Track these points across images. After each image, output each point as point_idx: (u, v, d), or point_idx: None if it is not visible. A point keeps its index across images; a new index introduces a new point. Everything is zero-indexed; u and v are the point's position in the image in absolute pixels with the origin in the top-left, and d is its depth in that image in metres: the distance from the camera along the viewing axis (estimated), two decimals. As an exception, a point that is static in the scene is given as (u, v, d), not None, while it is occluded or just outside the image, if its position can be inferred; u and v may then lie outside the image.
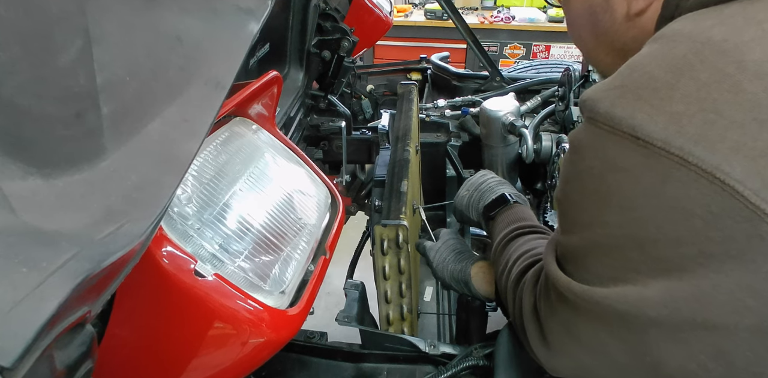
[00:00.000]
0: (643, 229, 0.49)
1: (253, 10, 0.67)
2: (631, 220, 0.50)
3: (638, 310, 0.51)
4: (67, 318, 0.32)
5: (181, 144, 0.51)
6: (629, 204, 0.49)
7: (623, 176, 0.49)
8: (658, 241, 0.48)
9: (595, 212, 0.53)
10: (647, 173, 0.47)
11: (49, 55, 0.39)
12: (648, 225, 0.48)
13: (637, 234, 0.49)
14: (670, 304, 0.49)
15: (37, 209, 0.35)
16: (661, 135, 0.46)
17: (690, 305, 0.48)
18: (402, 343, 1.00)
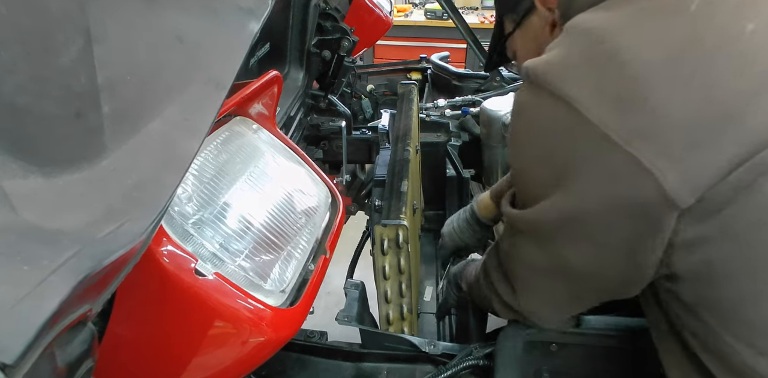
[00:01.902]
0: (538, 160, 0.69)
1: (254, 10, 0.67)
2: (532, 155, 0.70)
3: (544, 218, 0.70)
4: (68, 316, 0.32)
5: (182, 143, 0.51)
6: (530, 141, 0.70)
7: (535, 123, 0.68)
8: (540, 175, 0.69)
9: (518, 150, 0.74)
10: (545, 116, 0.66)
11: (49, 55, 0.39)
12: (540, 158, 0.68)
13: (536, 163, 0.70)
14: (557, 209, 0.68)
15: (38, 208, 0.35)
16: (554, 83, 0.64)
17: (568, 207, 0.67)
18: (402, 342, 1.00)
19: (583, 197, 0.65)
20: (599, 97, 0.61)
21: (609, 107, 0.60)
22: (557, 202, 0.68)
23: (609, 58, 0.61)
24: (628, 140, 0.59)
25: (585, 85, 0.62)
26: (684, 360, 0.71)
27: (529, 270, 0.81)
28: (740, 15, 0.59)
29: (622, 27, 0.63)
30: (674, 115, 0.58)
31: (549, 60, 0.67)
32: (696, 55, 0.58)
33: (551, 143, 0.66)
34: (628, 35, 0.62)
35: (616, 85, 0.60)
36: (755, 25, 0.58)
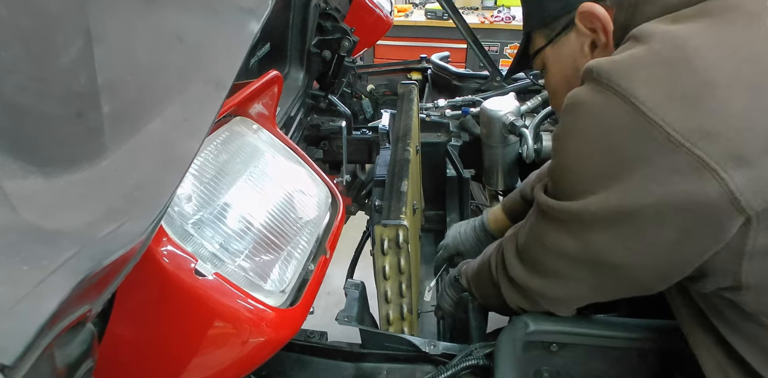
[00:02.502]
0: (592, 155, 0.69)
1: (254, 10, 0.67)
2: (587, 149, 0.70)
3: (591, 211, 0.70)
4: (68, 316, 0.32)
5: (182, 143, 0.51)
6: (586, 136, 0.70)
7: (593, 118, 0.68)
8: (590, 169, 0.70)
9: (569, 144, 0.73)
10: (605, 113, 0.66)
11: (50, 55, 0.39)
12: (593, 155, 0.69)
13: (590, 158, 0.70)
14: (608, 205, 0.68)
15: (38, 208, 0.35)
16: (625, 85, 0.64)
17: (618, 201, 0.67)
18: (402, 342, 1.00)
19: (639, 195, 0.65)
20: (667, 98, 0.62)
21: (677, 109, 0.61)
22: (610, 198, 0.68)
23: (682, 62, 0.62)
24: (695, 141, 0.60)
25: (652, 86, 0.63)
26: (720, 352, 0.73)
27: (555, 257, 0.81)
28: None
29: (695, 35, 0.64)
30: (752, 121, 0.59)
31: (616, 60, 0.67)
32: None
33: (609, 140, 0.66)
34: (703, 43, 0.63)
35: (688, 88, 0.61)
36: None
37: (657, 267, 0.72)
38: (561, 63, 0.94)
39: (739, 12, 0.64)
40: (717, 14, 0.65)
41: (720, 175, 0.59)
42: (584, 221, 0.73)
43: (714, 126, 0.59)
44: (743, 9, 0.64)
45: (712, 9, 0.66)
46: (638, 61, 0.65)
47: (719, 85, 0.60)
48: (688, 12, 0.68)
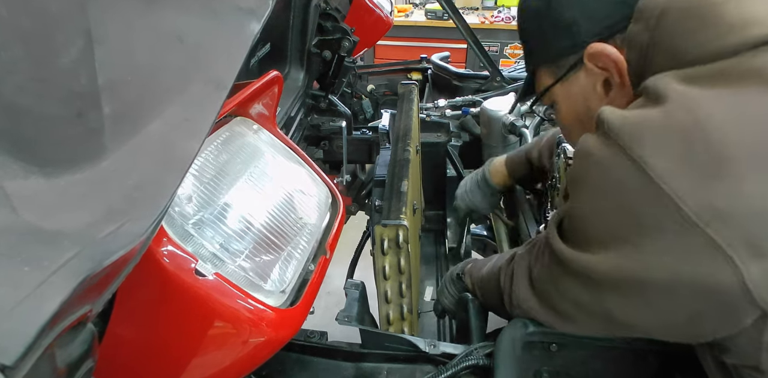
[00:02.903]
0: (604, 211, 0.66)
1: (254, 10, 0.67)
2: (598, 204, 0.67)
3: (601, 270, 0.67)
4: (68, 317, 0.32)
5: (182, 144, 0.51)
6: (597, 191, 0.67)
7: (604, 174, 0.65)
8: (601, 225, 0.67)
9: (582, 193, 0.70)
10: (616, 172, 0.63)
11: (50, 55, 0.39)
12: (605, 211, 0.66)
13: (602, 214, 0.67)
14: (618, 267, 0.65)
15: (39, 208, 0.35)
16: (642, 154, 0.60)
17: (630, 267, 0.64)
18: (402, 342, 1.00)
19: (652, 267, 0.62)
20: (679, 170, 0.58)
21: (689, 183, 0.57)
22: (621, 261, 0.64)
23: (697, 132, 0.58)
24: (708, 222, 0.56)
25: (664, 154, 0.59)
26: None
27: (569, 302, 0.77)
28: None
29: (712, 102, 0.59)
30: (764, 206, 0.55)
31: (628, 117, 0.64)
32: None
33: (621, 200, 0.63)
34: (720, 112, 0.58)
35: (702, 161, 0.57)
36: None
37: (672, 332, 0.69)
38: (572, 101, 0.88)
39: (761, 79, 0.58)
40: (735, 79, 0.60)
41: (735, 262, 0.55)
42: (595, 279, 0.69)
43: (728, 207, 0.55)
44: (764, 76, 0.58)
45: (731, 72, 0.61)
46: (651, 124, 0.61)
47: (735, 161, 0.55)
48: (704, 71, 0.62)
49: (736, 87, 0.59)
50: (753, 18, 0.60)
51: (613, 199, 0.64)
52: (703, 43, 0.64)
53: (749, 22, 0.60)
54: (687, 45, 0.66)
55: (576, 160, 0.71)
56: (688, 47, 0.65)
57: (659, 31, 0.69)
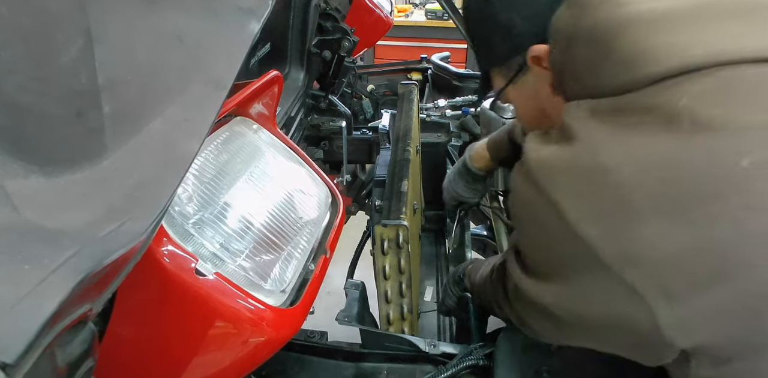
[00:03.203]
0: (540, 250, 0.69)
1: (254, 10, 0.68)
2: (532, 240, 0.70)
3: (545, 301, 0.69)
4: (69, 315, 0.32)
5: (182, 143, 0.51)
6: (527, 228, 0.70)
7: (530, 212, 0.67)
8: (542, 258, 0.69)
9: (518, 226, 0.74)
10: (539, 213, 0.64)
11: (50, 55, 0.39)
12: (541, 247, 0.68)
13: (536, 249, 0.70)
14: (556, 299, 0.67)
15: (39, 207, 0.35)
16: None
17: (569, 301, 0.66)
18: (402, 342, 1.00)
19: (584, 301, 0.63)
20: (590, 216, 0.58)
21: (597, 229, 0.57)
22: (560, 293, 0.66)
23: (600, 175, 0.58)
24: (621, 266, 0.56)
25: (575, 199, 0.60)
26: None
27: (533, 320, 0.79)
28: (737, 145, 0.53)
29: (613, 142, 0.59)
30: (670, 250, 0.54)
31: (544, 156, 0.64)
32: (691, 188, 0.54)
33: (547, 240, 0.65)
34: (619, 153, 0.58)
35: (607, 206, 0.57)
36: (750, 160, 0.52)
37: (624, 355, 0.69)
38: (525, 102, 0.88)
39: (654, 115, 0.57)
40: (632, 114, 0.59)
41: (648, 305, 0.56)
42: (546, 306, 0.70)
43: (636, 252, 0.55)
44: (659, 110, 0.57)
45: (627, 107, 0.59)
46: (562, 167, 0.62)
47: (635, 205, 0.55)
48: (607, 105, 0.61)
49: (633, 126, 0.58)
50: (646, 54, 0.59)
51: (542, 237, 0.66)
52: (604, 77, 0.63)
53: (642, 58, 0.59)
54: (590, 76, 0.65)
55: (512, 183, 0.72)
56: (591, 79, 0.65)
57: (569, 58, 0.69)
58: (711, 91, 0.55)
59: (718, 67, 0.55)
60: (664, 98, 0.57)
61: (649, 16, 0.60)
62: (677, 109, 0.55)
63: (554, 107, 0.77)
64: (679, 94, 0.56)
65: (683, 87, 0.56)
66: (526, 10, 0.78)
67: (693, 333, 0.56)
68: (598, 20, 0.63)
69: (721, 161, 0.53)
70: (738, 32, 0.56)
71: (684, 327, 0.56)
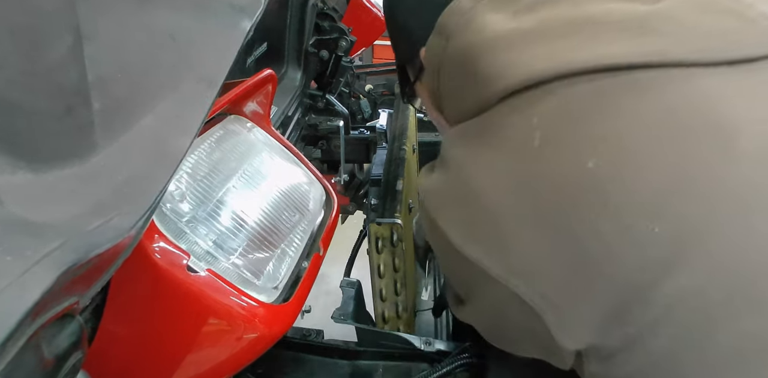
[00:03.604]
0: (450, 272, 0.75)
1: (246, 9, 0.68)
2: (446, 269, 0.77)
3: (466, 319, 0.76)
4: (53, 307, 0.33)
5: (173, 140, 0.52)
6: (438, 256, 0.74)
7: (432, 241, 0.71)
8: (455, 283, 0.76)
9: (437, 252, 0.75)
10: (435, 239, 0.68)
11: (39, 51, 0.39)
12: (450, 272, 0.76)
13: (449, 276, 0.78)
14: (477, 318, 0.75)
15: (26, 202, 0.36)
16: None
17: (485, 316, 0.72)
18: (397, 340, 1.00)
19: (488, 316, 0.70)
20: (470, 237, 0.61)
21: (480, 248, 0.60)
22: (471, 312, 0.73)
23: (472, 199, 0.61)
24: (507, 279, 0.59)
25: (455, 224, 0.63)
26: None
27: None
28: (580, 152, 0.56)
29: (478, 167, 0.62)
30: (543, 262, 0.57)
31: (429, 188, 0.68)
32: (548, 198, 0.56)
33: (449, 265, 0.69)
34: (484, 174, 0.61)
35: (483, 228, 0.60)
36: (594, 163, 0.55)
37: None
38: (427, 101, 0.91)
39: (510, 133, 0.60)
40: (491, 134, 0.62)
41: (538, 313, 0.58)
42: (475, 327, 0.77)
43: (516, 265, 0.58)
44: (513, 129, 0.60)
45: (488, 126, 0.63)
46: (439, 194, 0.66)
47: (506, 223, 0.58)
48: (472, 126, 0.65)
49: (495, 147, 0.61)
50: (496, 72, 0.61)
51: (446, 262, 0.71)
52: (468, 97, 0.66)
53: (494, 76, 0.61)
54: (459, 98, 0.69)
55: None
56: (460, 101, 0.69)
57: (442, 84, 0.73)
58: (556, 109, 0.58)
59: (558, 81, 0.58)
60: (517, 117, 0.60)
61: (502, 39, 0.63)
62: (529, 128, 0.58)
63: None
64: (530, 112, 0.59)
65: (531, 105, 0.59)
66: (420, 16, 0.82)
67: (576, 335, 0.58)
68: (461, 46, 0.67)
69: (569, 166, 0.56)
70: (574, 45, 0.59)
71: (568, 331, 0.58)
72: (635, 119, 0.55)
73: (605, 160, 0.54)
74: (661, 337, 0.55)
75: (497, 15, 0.66)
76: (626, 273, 0.54)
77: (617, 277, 0.54)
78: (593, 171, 0.54)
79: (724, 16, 0.59)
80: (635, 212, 0.53)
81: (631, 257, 0.53)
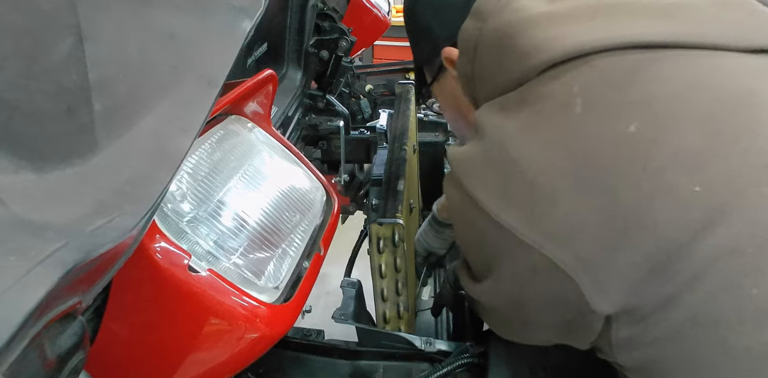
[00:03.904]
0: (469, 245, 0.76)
1: (247, 9, 0.68)
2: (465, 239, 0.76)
3: (485, 299, 0.77)
4: (56, 307, 0.33)
5: (174, 140, 0.52)
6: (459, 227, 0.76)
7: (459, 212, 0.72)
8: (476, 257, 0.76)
9: (455, 227, 0.78)
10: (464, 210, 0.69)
11: (40, 52, 0.39)
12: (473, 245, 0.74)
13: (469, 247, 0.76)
14: (491, 293, 0.74)
15: (28, 202, 0.36)
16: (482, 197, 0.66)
17: (505, 290, 0.71)
18: (398, 340, 1.00)
19: (514, 289, 0.68)
20: (504, 203, 0.63)
21: (515, 213, 0.62)
22: (491, 288, 0.72)
23: (509, 164, 0.63)
24: (541, 244, 0.60)
25: (490, 190, 0.64)
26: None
27: (486, 318, 0.87)
28: (621, 116, 0.59)
29: (517, 131, 0.64)
30: (582, 221, 0.58)
31: (460, 157, 0.70)
32: (589, 160, 0.59)
33: (475, 235, 0.70)
34: (524, 140, 0.63)
35: (519, 191, 0.62)
36: (636, 126, 0.58)
37: (565, 340, 0.74)
38: (446, 99, 0.95)
39: (551, 101, 0.63)
40: (531, 103, 0.65)
41: (571, 276, 0.60)
42: (490, 307, 0.77)
43: (551, 228, 0.60)
44: (554, 97, 0.63)
45: (528, 97, 0.66)
46: (473, 162, 0.67)
47: (544, 186, 0.60)
48: (512, 98, 0.68)
49: (535, 113, 0.64)
50: (537, 46, 0.65)
51: (472, 235, 0.71)
52: (506, 73, 0.70)
53: (534, 50, 0.65)
54: (497, 75, 0.72)
55: (444, 189, 0.77)
56: (498, 77, 0.72)
57: (477, 64, 0.76)
58: (596, 78, 0.62)
59: (597, 54, 0.62)
60: (558, 86, 0.63)
61: (541, 17, 0.68)
62: (571, 95, 0.62)
63: (467, 106, 0.86)
64: (570, 82, 0.62)
65: (572, 75, 0.63)
66: (441, 16, 0.87)
67: (612, 296, 0.59)
68: (499, 25, 0.71)
69: (611, 130, 0.59)
70: (609, 24, 0.64)
71: (603, 290, 0.59)
72: (671, 86, 0.59)
73: (646, 123, 0.58)
74: (698, 291, 0.56)
75: (533, 0, 0.71)
76: (666, 230, 0.56)
77: (658, 233, 0.56)
78: (634, 134, 0.57)
79: (739, 10, 0.65)
80: (676, 171, 0.56)
81: (673, 214, 0.55)
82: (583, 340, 0.69)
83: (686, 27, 0.63)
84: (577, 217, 0.58)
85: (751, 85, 0.59)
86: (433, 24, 0.87)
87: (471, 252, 0.76)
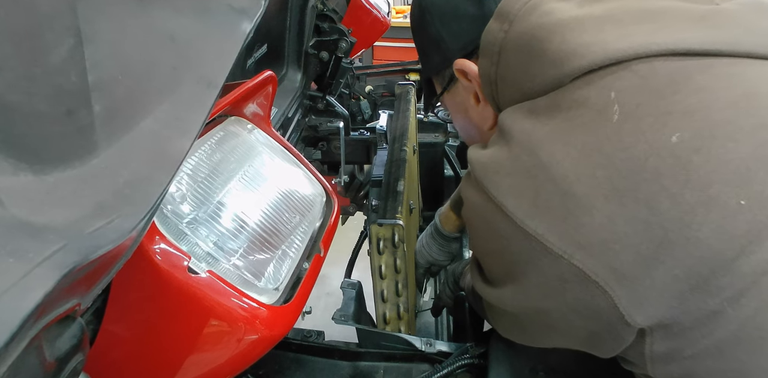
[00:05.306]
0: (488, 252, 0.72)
1: (246, 10, 0.68)
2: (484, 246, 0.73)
3: (503, 304, 0.72)
4: (55, 309, 0.33)
5: (173, 142, 0.52)
6: (478, 234, 0.72)
7: (479, 217, 0.69)
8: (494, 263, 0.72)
9: (471, 234, 0.76)
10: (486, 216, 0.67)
11: (39, 54, 0.39)
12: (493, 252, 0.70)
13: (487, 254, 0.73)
14: (512, 301, 0.70)
15: (27, 204, 0.36)
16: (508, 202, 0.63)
17: (527, 298, 0.67)
18: (398, 341, 1.00)
19: (540, 299, 0.65)
20: (534, 210, 0.60)
21: (545, 221, 0.60)
22: (517, 294, 0.68)
23: (540, 170, 0.61)
24: (572, 253, 0.58)
25: (518, 196, 0.62)
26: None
27: (499, 324, 0.84)
28: (664, 126, 0.57)
29: (549, 136, 0.62)
30: (618, 232, 0.56)
31: (485, 160, 0.67)
32: (627, 169, 0.57)
33: (496, 242, 0.66)
34: (557, 146, 0.61)
35: (551, 198, 0.60)
36: (679, 136, 0.56)
37: (586, 348, 0.72)
38: (457, 110, 0.93)
39: (587, 107, 0.61)
40: (566, 109, 0.62)
41: (603, 288, 0.58)
42: (507, 313, 0.74)
43: (584, 238, 0.57)
44: (590, 103, 0.61)
45: (561, 102, 0.63)
46: (501, 168, 0.65)
47: (579, 194, 0.58)
48: (541, 104, 0.66)
49: (568, 120, 0.62)
50: (573, 51, 0.63)
51: (493, 242, 0.67)
52: (536, 77, 0.67)
53: (569, 55, 0.63)
54: (524, 79, 0.69)
55: (462, 192, 0.74)
56: (525, 81, 0.69)
57: (501, 67, 0.73)
58: (635, 86, 0.60)
59: (637, 60, 0.60)
60: (594, 92, 0.61)
61: (574, 21, 0.65)
62: (608, 103, 0.60)
63: (478, 114, 0.84)
64: (608, 88, 0.60)
65: (609, 81, 0.61)
66: (453, 26, 0.84)
67: (649, 308, 0.58)
68: (527, 29, 0.68)
69: (652, 139, 0.57)
70: (649, 30, 0.62)
71: (640, 303, 0.58)
72: (715, 96, 0.58)
73: (690, 133, 0.56)
74: (744, 308, 0.55)
75: (562, 3, 0.69)
76: (711, 243, 0.54)
77: (701, 247, 0.54)
78: (677, 144, 0.56)
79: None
80: (721, 183, 0.54)
81: (717, 228, 0.54)
82: (608, 351, 0.68)
83: (730, 36, 0.61)
84: (613, 228, 0.56)
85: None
86: (444, 35, 0.85)
87: (489, 258, 0.73)
